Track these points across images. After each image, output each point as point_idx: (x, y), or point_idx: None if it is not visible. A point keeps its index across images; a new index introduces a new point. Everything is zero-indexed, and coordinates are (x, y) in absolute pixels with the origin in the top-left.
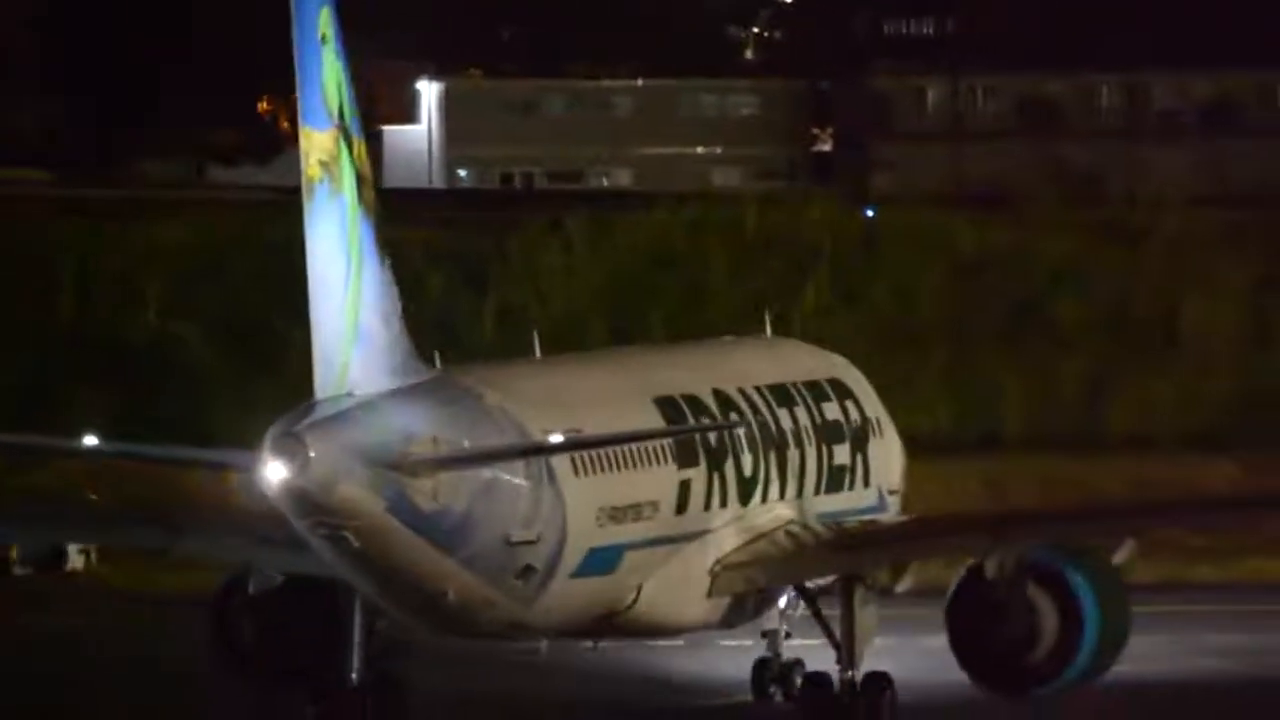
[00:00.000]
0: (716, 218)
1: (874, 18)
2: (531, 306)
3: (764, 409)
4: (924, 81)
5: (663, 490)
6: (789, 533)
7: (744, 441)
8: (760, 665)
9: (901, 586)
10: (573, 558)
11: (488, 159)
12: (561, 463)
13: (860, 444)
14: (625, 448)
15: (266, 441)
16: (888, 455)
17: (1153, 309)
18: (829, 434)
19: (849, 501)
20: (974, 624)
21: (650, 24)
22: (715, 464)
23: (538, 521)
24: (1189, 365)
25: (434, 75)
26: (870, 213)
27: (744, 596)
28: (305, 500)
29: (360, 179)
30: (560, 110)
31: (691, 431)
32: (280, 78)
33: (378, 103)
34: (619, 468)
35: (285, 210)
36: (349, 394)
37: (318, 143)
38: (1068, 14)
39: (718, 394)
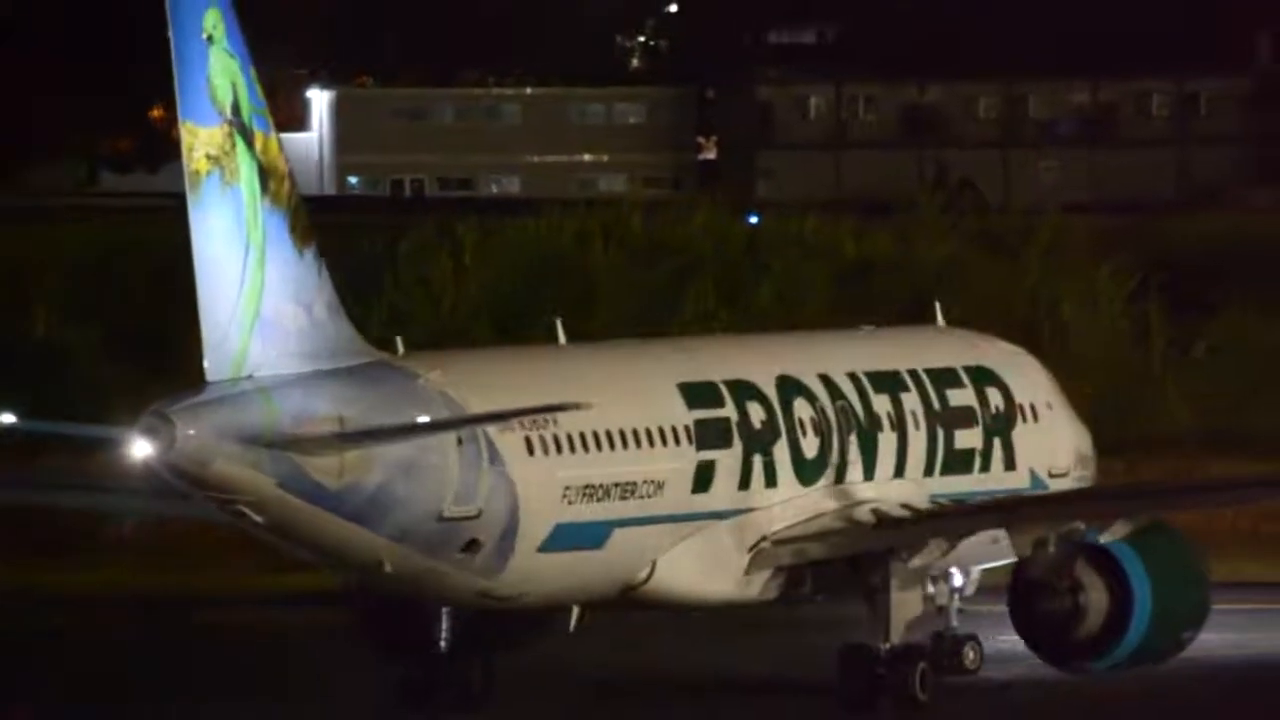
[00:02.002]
0: (603, 225)
1: (758, 28)
2: (422, 311)
3: (851, 394)
4: (807, 90)
5: (671, 470)
6: (871, 510)
7: (808, 426)
8: (936, 638)
9: (914, 563)
10: (534, 532)
11: (378, 166)
12: (509, 442)
13: (1001, 428)
14: (614, 426)
15: (138, 421)
16: (1045, 439)
17: (1032, 314)
18: (949, 419)
19: (981, 483)
20: (1024, 600)
21: (538, 33)
22: (759, 446)
23: (476, 498)
24: (1068, 368)
25: (325, 83)
26: (754, 219)
27: (797, 573)
28: (184, 477)
29: (267, 172)
30: (450, 118)
31: (524, 414)
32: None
33: (269, 109)
34: (597, 448)
35: (178, 215)
36: (248, 377)
37: (203, 138)
38: (948, 25)
39: (784, 379)
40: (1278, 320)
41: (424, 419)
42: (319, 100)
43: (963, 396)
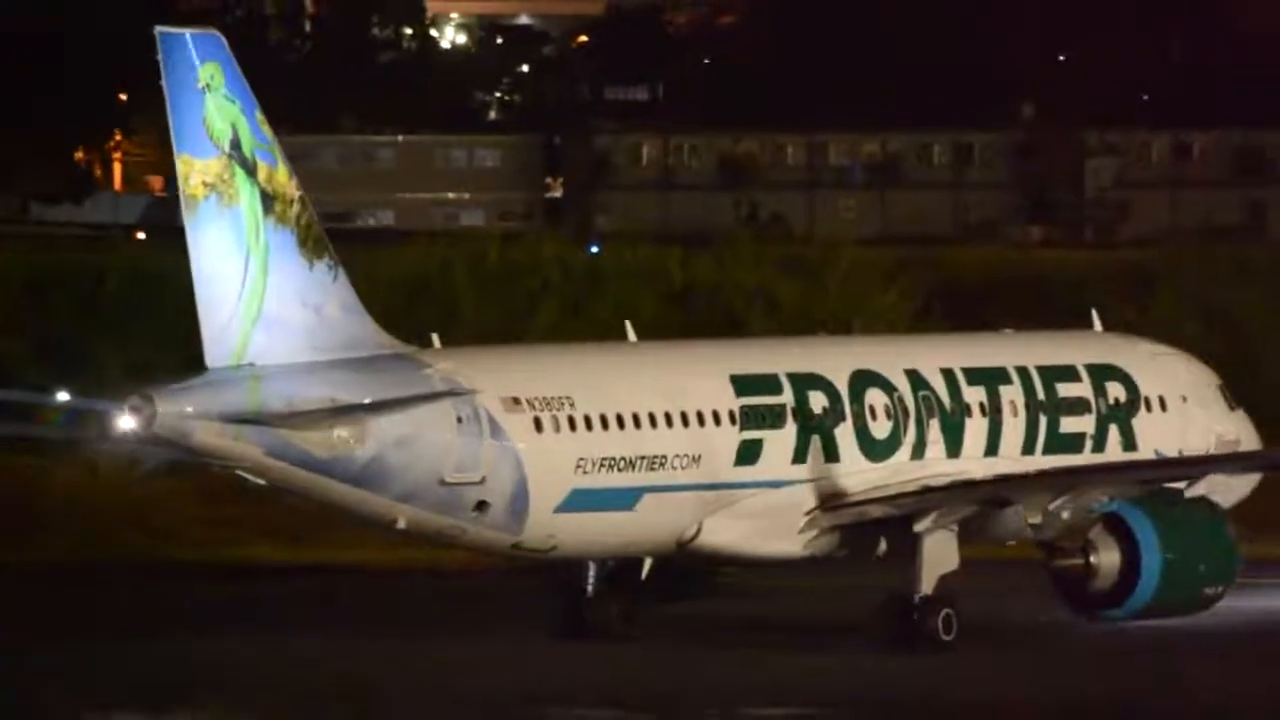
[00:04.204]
0: (465, 253)
1: (597, 85)
2: None
3: (939, 386)
4: (639, 139)
5: (709, 446)
6: (928, 480)
7: (879, 412)
8: None
9: (922, 525)
10: (547, 496)
11: None
12: (515, 420)
13: (1120, 416)
14: (642, 409)
15: (127, 400)
16: (1174, 426)
17: (832, 332)
18: (1056, 407)
19: (1092, 461)
20: (1046, 559)
21: (410, 88)
22: (817, 428)
23: (478, 466)
24: None
25: None
26: (594, 249)
27: (851, 534)
28: (170, 445)
29: (272, 197)
30: (333, 161)
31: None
32: (93, 131)
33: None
34: (619, 427)
35: (97, 243)
36: (250, 365)
37: (199, 167)
38: (760, 85)
39: (859, 373)
40: None
41: (366, 399)
42: None
43: (1076, 389)
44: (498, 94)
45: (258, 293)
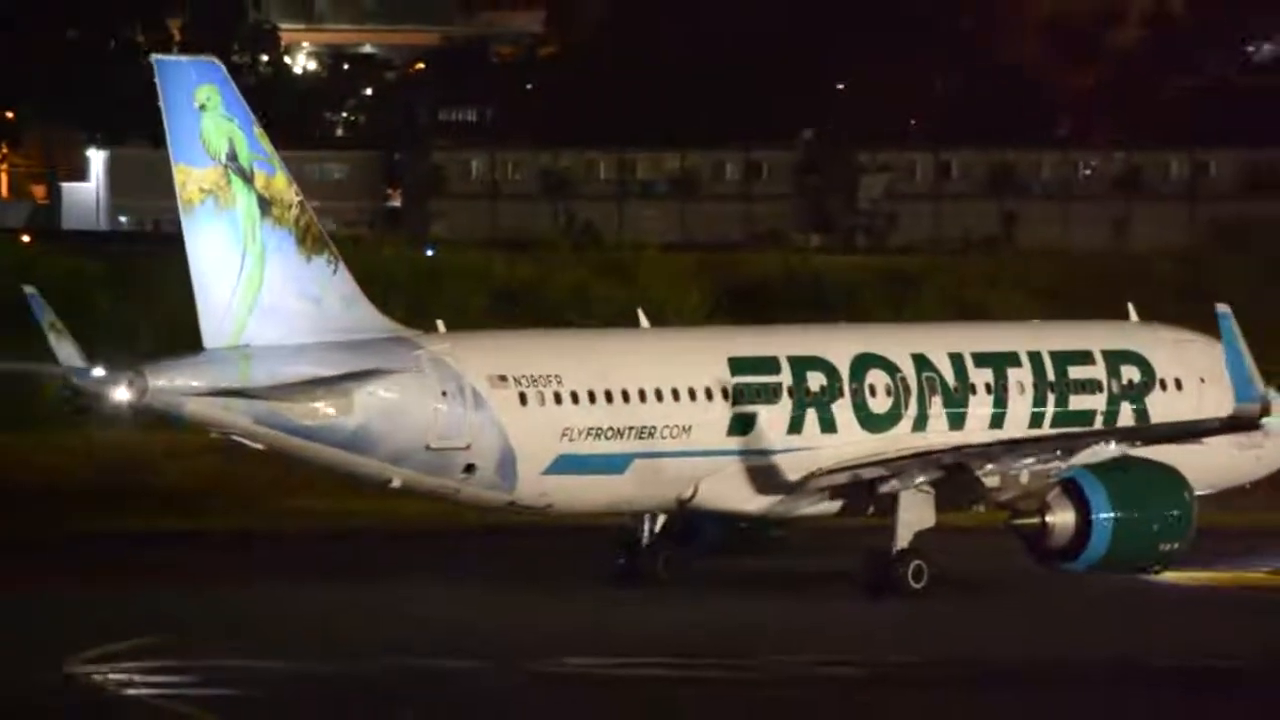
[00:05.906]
0: None
1: (433, 106)
2: (190, 319)
3: (944, 368)
4: (469, 155)
5: (700, 418)
6: (911, 449)
7: (879, 390)
8: None
9: (886, 488)
10: (533, 460)
11: (143, 209)
12: (500, 395)
13: (1133, 395)
14: (632, 386)
15: (123, 375)
16: (1188, 404)
17: (635, 325)
18: (1065, 387)
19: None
20: (1009, 519)
21: (265, 109)
22: (813, 404)
23: (462, 434)
24: None
25: (101, 144)
26: (430, 252)
27: (841, 494)
28: (164, 415)
29: (269, 201)
30: None
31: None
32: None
33: (58, 165)
34: (608, 401)
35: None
36: (246, 346)
37: (195, 176)
38: (576, 107)
39: (861, 356)
40: None
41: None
42: (96, 158)
43: (1088, 371)
44: (344, 114)
45: (254, 285)
